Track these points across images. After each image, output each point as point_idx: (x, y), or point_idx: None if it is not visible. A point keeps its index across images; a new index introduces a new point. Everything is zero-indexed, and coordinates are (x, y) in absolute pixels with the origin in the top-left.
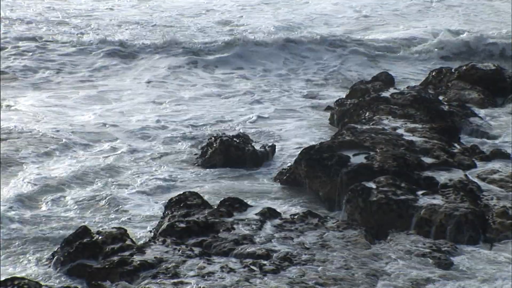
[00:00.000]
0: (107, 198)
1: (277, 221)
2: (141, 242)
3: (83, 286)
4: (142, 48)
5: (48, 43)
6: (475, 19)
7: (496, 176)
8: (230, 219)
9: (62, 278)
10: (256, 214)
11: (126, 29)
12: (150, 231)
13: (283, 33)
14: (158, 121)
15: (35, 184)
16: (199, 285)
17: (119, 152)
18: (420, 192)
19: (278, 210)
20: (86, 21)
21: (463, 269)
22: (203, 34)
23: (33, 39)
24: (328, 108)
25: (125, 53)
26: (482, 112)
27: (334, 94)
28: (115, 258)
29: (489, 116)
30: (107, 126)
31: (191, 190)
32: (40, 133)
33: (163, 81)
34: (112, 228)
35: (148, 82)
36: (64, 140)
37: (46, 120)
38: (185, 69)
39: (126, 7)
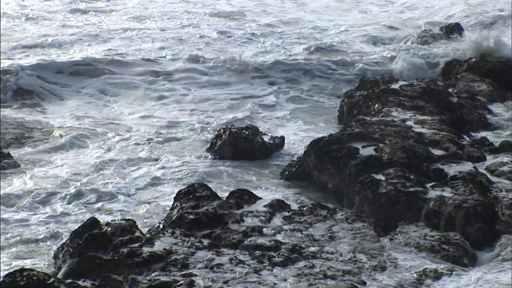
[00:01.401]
0: (113, 190)
1: (286, 213)
2: (150, 233)
3: (92, 278)
4: None
5: None
6: None
7: (505, 168)
8: (239, 211)
9: (71, 270)
10: (265, 206)
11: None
12: (159, 223)
13: None
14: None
15: (48, 176)
16: (208, 277)
17: (126, 144)
18: (429, 184)
19: (287, 202)
20: None
21: (471, 262)
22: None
23: None
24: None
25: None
26: (492, 104)
27: None
28: (124, 250)
29: (498, 108)
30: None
31: (200, 181)
32: (52, 126)
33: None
34: (121, 219)
35: None
36: (75, 133)
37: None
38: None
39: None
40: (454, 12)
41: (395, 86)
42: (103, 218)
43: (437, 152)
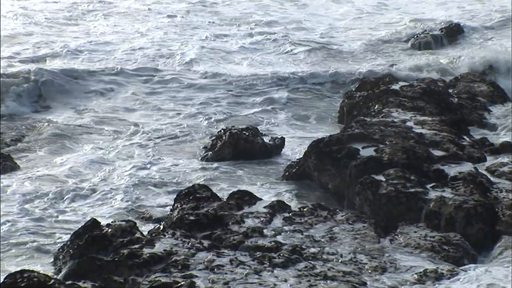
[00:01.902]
0: (113, 190)
1: (286, 214)
2: (150, 235)
3: (93, 279)
4: None
5: None
6: None
7: (505, 169)
8: (240, 212)
9: (72, 271)
10: (265, 207)
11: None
12: (159, 224)
13: None
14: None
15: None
16: (209, 278)
17: (125, 144)
18: (429, 185)
19: (287, 203)
20: None
21: (472, 263)
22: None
23: None
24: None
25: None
26: (492, 105)
27: None
28: (125, 251)
29: (498, 109)
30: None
31: (200, 182)
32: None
33: None
34: (121, 221)
35: None
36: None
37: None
38: None
39: None
40: (443, 14)
41: (395, 86)
42: (102, 218)
43: (438, 152)
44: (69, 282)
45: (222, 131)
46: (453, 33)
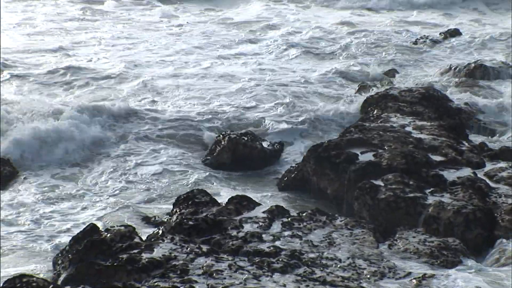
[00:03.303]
0: (111, 195)
1: (285, 219)
2: (149, 240)
3: (91, 284)
4: None
5: None
6: None
7: (504, 174)
8: (238, 217)
9: (71, 276)
10: (264, 212)
11: None
12: (158, 229)
13: None
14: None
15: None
16: (208, 283)
17: (125, 143)
18: (428, 190)
19: (286, 207)
20: None
21: (471, 268)
22: None
23: None
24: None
25: None
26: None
27: None
28: (124, 256)
29: (497, 113)
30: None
31: (199, 187)
32: None
33: None
34: (120, 225)
35: None
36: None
37: None
38: None
39: None
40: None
41: (394, 91)
42: (99, 221)
43: (436, 157)
44: (68, 287)
45: (221, 136)
46: (452, 36)
